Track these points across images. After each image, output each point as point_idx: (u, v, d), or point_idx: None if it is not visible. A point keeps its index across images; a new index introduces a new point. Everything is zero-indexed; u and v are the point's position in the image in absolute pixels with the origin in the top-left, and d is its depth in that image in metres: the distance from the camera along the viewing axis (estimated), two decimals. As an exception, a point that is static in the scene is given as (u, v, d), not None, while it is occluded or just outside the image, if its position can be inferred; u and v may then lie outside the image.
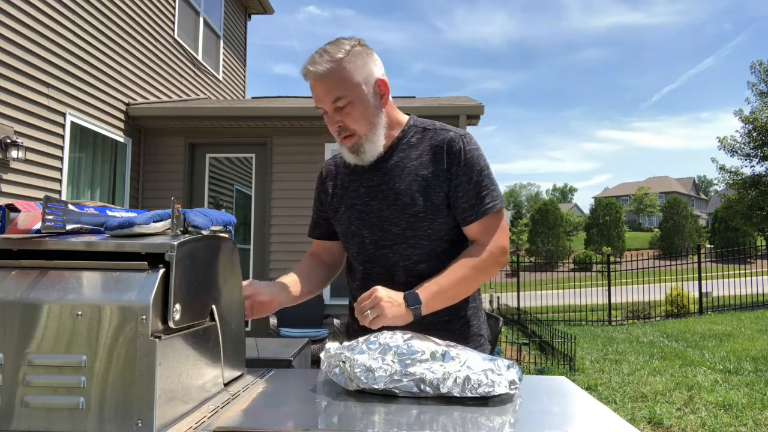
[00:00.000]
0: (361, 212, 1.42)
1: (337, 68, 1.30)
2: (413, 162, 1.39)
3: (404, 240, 1.38)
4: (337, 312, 6.23)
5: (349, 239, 1.47)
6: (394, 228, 1.38)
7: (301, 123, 6.41)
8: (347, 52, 1.32)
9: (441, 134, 1.40)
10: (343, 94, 1.31)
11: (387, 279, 1.40)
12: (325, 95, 1.32)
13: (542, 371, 5.80)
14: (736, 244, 28.07)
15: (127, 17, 6.43)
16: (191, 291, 0.99)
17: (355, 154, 1.38)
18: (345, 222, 1.46)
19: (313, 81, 1.31)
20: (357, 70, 1.32)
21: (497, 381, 1.00)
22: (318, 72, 1.29)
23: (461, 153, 1.36)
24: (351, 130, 1.35)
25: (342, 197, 1.47)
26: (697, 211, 53.92)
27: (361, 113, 1.34)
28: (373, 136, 1.36)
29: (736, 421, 4.00)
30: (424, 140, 1.41)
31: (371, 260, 1.43)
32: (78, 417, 0.86)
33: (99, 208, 1.10)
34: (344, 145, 1.38)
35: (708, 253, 18.48)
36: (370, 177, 1.42)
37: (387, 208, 1.38)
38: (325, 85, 1.31)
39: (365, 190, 1.42)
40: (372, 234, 1.41)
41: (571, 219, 55.31)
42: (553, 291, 15.07)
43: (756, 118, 15.57)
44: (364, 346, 1.06)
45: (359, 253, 1.45)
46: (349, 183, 1.47)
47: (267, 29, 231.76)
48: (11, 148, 4.59)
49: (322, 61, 1.30)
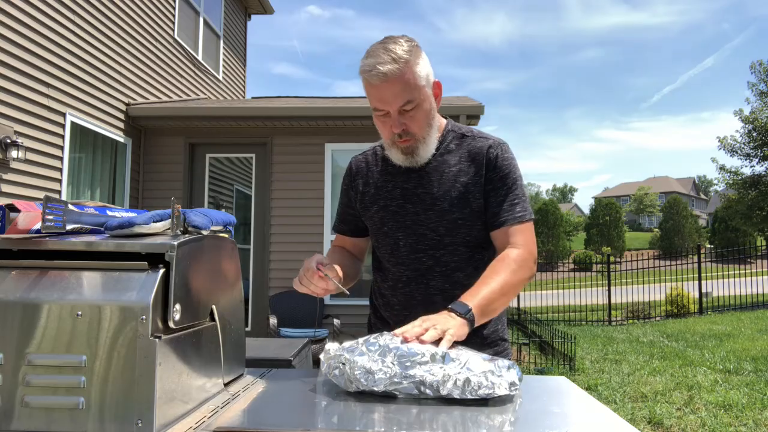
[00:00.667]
0: (396, 214, 1.40)
1: (407, 70, 1.24)
2: (452, 168, 1.37)
3: (442, 246, 1.37)
4: (337, 312, 6.23)
5: (381, 239, 1.45)
6: (431, 233, 1.36)
7: (301, 123, 6.41)
8: (410, 52, 1.26)
9: (479, 141, 1.40)
10: (413, 98, 1.26)
11: (421, 283, 1.39)
12: (395, 98, 1.25)
13: (542, 371, 5.80)
14: (736, 244, 28.07)
15: (127, 17, 6.42)
16: (191, 291, 0.99)
17: (408, 156, 1.34)
18: (377, 222, 1.44)
19: (380, 83, 1.24)
20: (422, 71, 1.28)
21: (497, 383, 1.00)
22: (389, 74, 1.22)
23: (497, 159, 1.36)
24: (411, 134, 1.31)
25: (375, 196, 1.44)
26: (697, 211, 53.90)
27: (424, 116, 1.31)
28: (429, 139, 1.34)
29: (736, 421, 3.99)
30: (462, 146, 1.40)
31: (404, 263, 1.40)
32: (78, 417, 0.86)
33: (99, 208, 1.10)
34: (398, 146, 1.34)
35: (708, 253, 18.47)
36: (406, 179, 1.40)
37: (423, 212, 1.37)
38: (395, 88, 1.24)
39: (400, 191, 1.40)
40: (407, 237, 1.39)
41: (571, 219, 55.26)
42: (553, 291, 15.06)
43: (756, 118, 15.58)
44: (363, 348, 1.06)
45: (392, 255, 1.42)
46: (382, 183, 1.44)
47: (267, 29, 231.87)
48: (11, 148, 4.59)
49: (390, 60, 1.23)
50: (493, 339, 1.44)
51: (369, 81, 1.25)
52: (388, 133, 1.32)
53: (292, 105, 6.62)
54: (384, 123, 1.32)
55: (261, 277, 6.48)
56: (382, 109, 1.28)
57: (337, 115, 6.30)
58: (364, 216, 1.48)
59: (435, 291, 1.37)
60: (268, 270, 6.42)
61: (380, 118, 1.31)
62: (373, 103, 1.29)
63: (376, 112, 1.31)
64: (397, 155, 1.36)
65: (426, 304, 1.38)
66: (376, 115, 1.32)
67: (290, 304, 6.15)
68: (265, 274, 6.43)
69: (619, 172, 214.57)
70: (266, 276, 6.43)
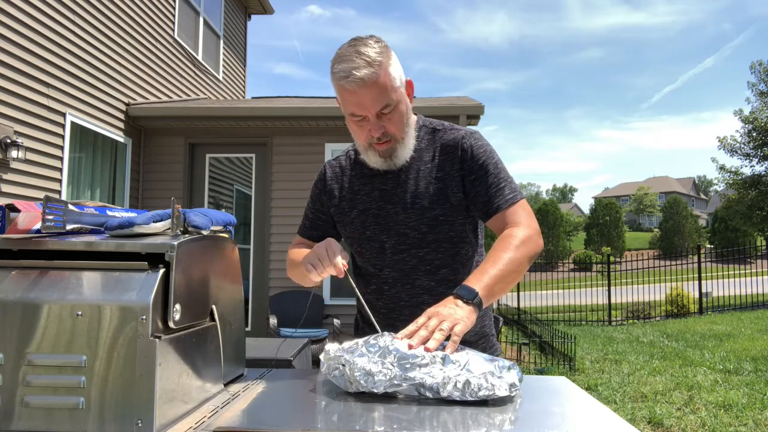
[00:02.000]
0: (377, 216, 1.38)
1: (382, 73, 1.22)
2: (427, 165, 1.36)
3: (426, 244, 1.35)
4: (337, 312, 6.23)
5: (364, 244, 1.41)
6: (413, 232, 1.35)
7: (301, 123, 6.41)
8: (382, 54, 1.23)
9: (451, 134, 1.38)
10: (391, 101, 1.24)
11: (406, 283, 1.37)
12: (373, 103, 1.23)
13: (542, 371, 5.80)
14: (736, 244, 28.05)
15: (127, 17, 6.42)
16: (191, 291, 0.99)
17: (385, 159, 1.32)
18: (358, 227, 1.41)
19: (357, 88, 1.20)
20: (395, 72, 1.26)
21: (497, 384, 0.99)
22: (366, 78, 1.20)
23: (472, 149, 1.34)
24: (390, 136, 1.29)
25: (352, 201, 1.42)
26: (697, 211, 53.89)
27: (401, 117, 1.29)
28: (407, 139, 1.33)
29: (736, 421, 3.99)
30: (434, 141, 1.39)
31: (389, 265, 1.39)
32: (78, 417, 0.86)
33: (99, 208, 1.10)
34: (376, 149, 1.31)
35: (708, 253, 18.48)
36: (383, 180, 1.38)
37: (404, 211, 1.35)
38: (372, 92, 1.21)
39: (379, 193, 1.38)
40: (390, 238, 1.37)
41: (571, 219, 55.27)
42: (553, 291, 15.07)
43: (756, 118, 15.58)
44: (363, 349, 1.05)
45: (377, 258, 1.40)
46: (360, 186, 1.42)
47: (267, 29, 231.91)
48: (11, 148, 4.59)
49: (365, 64, 1.20)
50: (486, 334, 1.45)
51: (345, 87, 1.22)
52: (364, 137, 1.30)
53: (292, 105, 6.62)
54: (361, 127, 1.28)
55: (261, 277, 6.48)
56: (360, 115, 1.26)
57: (337, 115, 6.29)
58: (342, 222, 1.44)
59: (421, 290, 1.36)
60: (268, 270, 6.42)
61: (357, 122, 1.28)
62: (349, 108, 1.26)
63: (353, 117, 1.28)
64: (375, 158, 1.33)
65: (412, 306, 1.36)
66: (352, 120, 1.29)
67: (290, 304, 6.15)
68: (265, 274, 6.43)
69: (619, 172, 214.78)
70: (266, 276, 6.43)
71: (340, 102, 1.29)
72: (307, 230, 1.52)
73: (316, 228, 1.51)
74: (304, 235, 1.53)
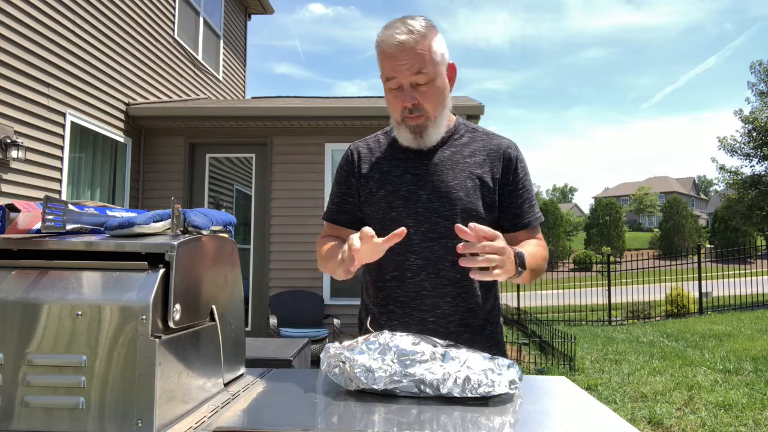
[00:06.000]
0: (407, 200, 1.37)
1: (424, 40, 1.24)
2: (466, 159, 1.38)
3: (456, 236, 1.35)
4: (337, 312, 6.23)
5: (387, 226, 1.35)
6: (444, 222, 1.34)
7: (301, 123, 6.41)
8: (428, 28, 1.26)
9: (494, 139, 1.42)
10: (427, 70, 1.25)
11: (432, 273, 1.36)
12: (409, 65, 1.24)
13: (542, 371, 5.80)
14: (736, 244, 28.05)
15: (127, 17, 6.42)
16: (191, 291, 0.99)
17: (415, 136, 1.33)
18: (384, 207, 1.38)
19: (395, 50, 1.23)
20: (437, 48, 1.28)
21: (497, 381, 1.00)
22: (404, 42, 1.22)
23: (517, 161, 1.40)
24: (422, 110, 1.29)
25: (381, 181, 1.40)
26: (697, 211, 53.88)
27: (436, 94, 1.30)
28: (440, 120, 1.34)
29: (736, 421, 3.99)
30: (475, 140, 1.41)
31: (414, 252, 1.36)
32: (78, 417, 0.86)
33: (99, 208, 1.10)
34: (407, 124, 1.32)
35: (708, 253, 18.47)
36: (417, 165, 1.38)
37: (437, 200, 1.35)
38: (409, 56, 1.23)
39: (411, 177, 1.38)
40: (418, 225, 1.35)
41: (571, 219, 55.27)
42: (553, 291, 15.06)
43: (756, 118, 15.59)
44: (363, 347, 1.06)
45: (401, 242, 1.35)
46: (390, 167, 1.40)
47: (267, 29, 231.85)
48: (11, 148, 4.59)
49: (407, 31, 1.22)
50: (498, 341, 1.45)
51: (383, 49, 1.25)
52: (399, 109, 1.31)
53: (292, 105, 6.62)
54: (396, 97, 1.30)
55: (261, 277, 6.48)
56: (394, 77, 1.27)
57: (337, 115, 6.30)
58: (368, 202, 1.42)
59: (446, 281, 1.35)
60: (268, 270, 6.42)
61: (392, 92, 1.30)
62: (386, 72, 1.28)
63: (388, 83, 1.29)
64: (406, 134, 1.34)
65: (435, 297, 1.35)
66: (388, 88, 1.31)
67: (290, 304, 6.15)
68: (265, 274, 6.43)
69: (619, 172, 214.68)
70: (266, 276, 6.43)
71: (380, 68, 1.30)
72: (333, 215, 1.50)
73: (344, 212, 1.48)
74: (329, 219, 1.51)
